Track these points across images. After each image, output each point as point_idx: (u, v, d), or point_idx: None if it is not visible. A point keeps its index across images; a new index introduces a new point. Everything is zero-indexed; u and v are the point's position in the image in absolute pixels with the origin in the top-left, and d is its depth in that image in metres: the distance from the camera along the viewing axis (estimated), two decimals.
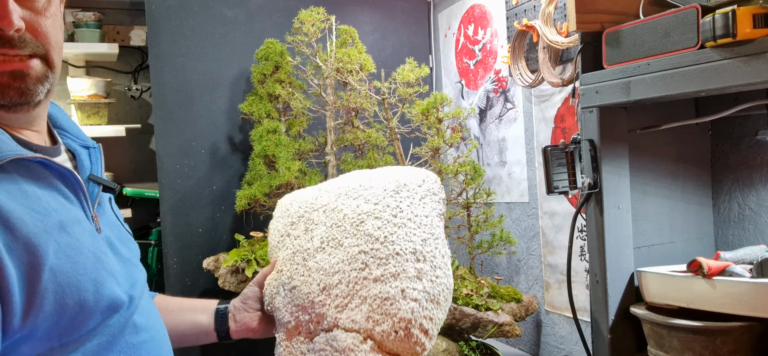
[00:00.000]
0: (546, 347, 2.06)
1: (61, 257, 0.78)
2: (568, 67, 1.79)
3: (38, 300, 0.74)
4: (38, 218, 0.77)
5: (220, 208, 2.16)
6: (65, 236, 0.80)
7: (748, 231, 1.35)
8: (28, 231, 0.75)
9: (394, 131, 2.05)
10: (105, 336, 0.84)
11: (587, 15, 1.21)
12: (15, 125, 0.85)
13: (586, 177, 1.23)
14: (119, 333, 0.86)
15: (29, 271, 0.74)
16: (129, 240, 1.02)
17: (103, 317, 0.83)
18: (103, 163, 1.00)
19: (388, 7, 2.47)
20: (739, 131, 1.36)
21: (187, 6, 2.11)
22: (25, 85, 0.81)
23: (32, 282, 0.74)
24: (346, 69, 2.03)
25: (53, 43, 0.85)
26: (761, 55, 0.89)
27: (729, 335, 1.06)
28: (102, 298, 0.82)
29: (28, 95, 0.82)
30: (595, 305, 1.27)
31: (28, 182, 0.80)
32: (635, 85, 1.10)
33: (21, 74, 0.81)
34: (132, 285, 0.91)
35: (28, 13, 0.81)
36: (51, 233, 0.77)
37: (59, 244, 0.78)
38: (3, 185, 0.76)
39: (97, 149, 1.00)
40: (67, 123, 1.00)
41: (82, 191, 0.88)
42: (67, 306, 0.77)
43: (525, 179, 2.09)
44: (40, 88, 0.83)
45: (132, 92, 2.73)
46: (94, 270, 0.82)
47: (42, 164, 0.83)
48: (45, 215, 0.78)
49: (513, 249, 2.14)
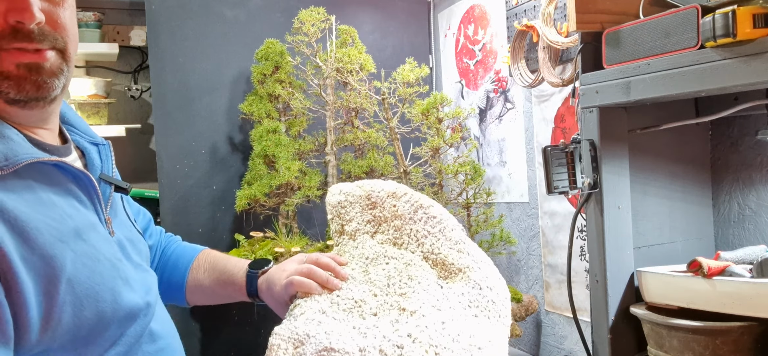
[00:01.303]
0: (546, 347, 2.06)
1: (78, 266, 0.74)
2: (568, 67, 1.79)
3: (56, 313, 0.71)
4: (54, 227, 0.73)
5: (220, 208, 2.16)
6: (81, 244, 0.76)
7: (748, 231, 1.35)
8: (45, 241, 0.71)
9: (394, 131, 2.05)
10: (123, 346, 0.80)
11: (587, 15, 1.21)
12: (29, 123, 0.81)
13: (586, 177, 1.23)
14: (136, 342, 0.83)
15: (46, 284, 0.70)
16: (139, 242, 0.98)
17: (121, 326, 0.80)
18: (114, 160, 0.96)
19: (388, 7, 2.47)
20: (739, 131, 1.36)
21: (187, 6, 2.11)
22: (41, 79, 0.78)
23: (50, 295, 0.70)
24: (346, 69, 2.03)
25: (71, 35, 0.82)
26: (761, 55, 0.89)
27: (729, 335, 1.06)
28: (120, 308, 0.79)
29: (45, 89, 0.79)
30: (595, 305, 1.27)
31: (42, 186, 0.76)
32: (635, 85, 1.10)
33: (37, 68, 0.77)
34: (147, 291, 0.88)
35: (47, 4, 0.78)
36: (67, 242, 0.74)
37: (76, 253, 0.75)
38: (19, 191, 0.72)
39: (106, 146, 0.96)
40: (75, 119, 0.96)
41: (95, 194, 0.84)
42: (85, 318, 0.74)
43: (525, 179, 2.09)
44: (56, 82, 0.80)
45: (132, 92, 2.73)
46: (111, 279, 0.79)
47: (56, 166, 0.80)
48: (61, 222, 0.75)
49: (513, 249, 2.14)
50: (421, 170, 2.05)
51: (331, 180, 2.04)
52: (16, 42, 0.76)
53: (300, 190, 1.96)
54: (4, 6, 0.74)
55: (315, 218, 2.23)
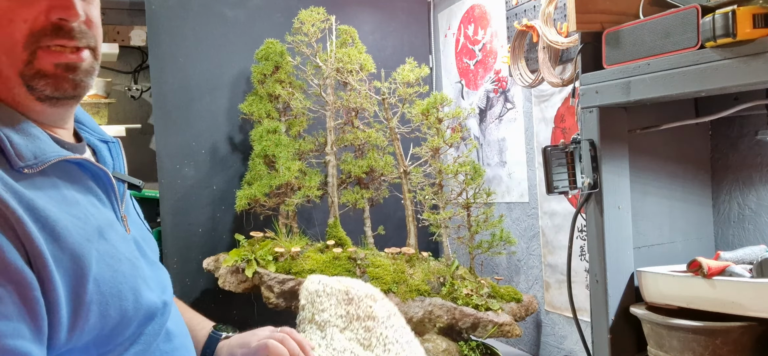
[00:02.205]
0: (546, 347, 2.06)
1: (102, 266, 0.74)
2: (568, 67, 1.79)
3: (84, 312, 0.71)
4: (80, 226, 0.73)
5: (220, 208, 2.16)
6: (104, 243, 0.76)
7: (748, 231, 1.35)
8: (74, 241, 0.71)
9: (394, 131, 2.05)
10: (141, 345, 0.80)
11: (587, 15, 1.21)
12: (53, 121, 0.81)
13: (586, 177, 1.23)
14: (154, 341, 0.83)
15: (75, 283, 0.70)
16: (151, 239, 0.97)
17: (140, 325, 0.80)
18: (125, 158, 0.96)
19: (388, 8, 2.47)
20: (739, 131, 1.36)
21: (187, 6, 2.11)
22: (79, 78, 0.78)
23: (78, 295, 0.70)
24: (346, 69, 2.03)
25: (100, 34, 0.82)
26: (761, 55, 0.89)
27: (729, 335, 1.06)
28: (141, 306, 0.79)
29: (80, 88, 0.79)
30: (595, 305, 1.27)
31: (66, 185, 0.76)
32: (635, 85, 1.10)
33: (74, 67, 0.77)
34: (163, 290, 0.88)
35: (83, 2, 0.78)
36: (92, 241, 0.74)
37: (100, 252, 0.74)
38: (46, 190, 0.72)
39: (116, 143, 0.95)
40: (85, 117, 0.95)
41: (113, 191, 0.84)
42: (109, 316, 0.74)
43: (525, 179, 2.09)
44: (90, 80, 0.80)
45: (132, 92, 2.73)
46: (133, 278, 0.79)
47: (77, 164, 0.80)
48: (85, 221, 0.75)
49: (513, 249, 2.14)
50: (421, 170, 2.05)
51: (331, 180, 2.04)
52: (58, 39, 0.75)
53: (300, 190, 1.96)
54: (46, 3, 0.74)
55: (315, 218, 2.23)
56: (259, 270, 1.81)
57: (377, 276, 1.83)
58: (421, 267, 1.93)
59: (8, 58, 0.74)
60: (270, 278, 1.80)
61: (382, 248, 2.01)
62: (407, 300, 1.80)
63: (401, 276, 1.85)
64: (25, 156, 0.72)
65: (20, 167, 0.71)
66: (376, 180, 2.10)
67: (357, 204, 2.04)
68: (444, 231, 1.99)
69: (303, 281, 1.79)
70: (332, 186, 2.04)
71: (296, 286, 1.79)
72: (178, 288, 2.09)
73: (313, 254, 1.87)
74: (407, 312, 1.80)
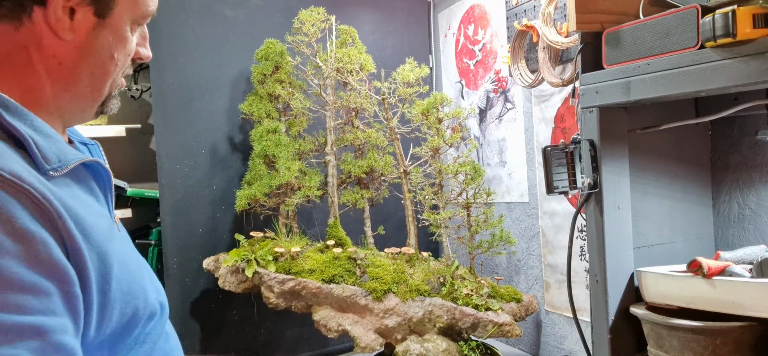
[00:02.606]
0: (546, 347, 2.06)
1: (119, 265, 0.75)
2: (568, 67, 1.79)
3: (109, 310, 0.72)
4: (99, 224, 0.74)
5: (220, 208, 2.16)
6: (115, 243, 0.77)
7: (748, 231, 1.35)
8: (99, 239, 0.72)
9: (394, 131, 2.05)
10: (148, 344, 0.82)
11: (587, 15, 1.21)
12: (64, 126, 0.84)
13: (586, 177, 1.23)
14: (157, 340, 0.84)
15: (101, 281, 0.71)
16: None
17: (145, 325, 0.81)
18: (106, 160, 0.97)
19: (388, 8, 2.47)
20: (739, 131, 1.36)
21: (187, 6, 2.11)
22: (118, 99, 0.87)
23: (104, 293, 0.71)
24: (346, 69, 2.03)
25: None
26: (761, 55, 0.89)
27: (729, 335, 1.06)
28: (148, 306, 0.80)
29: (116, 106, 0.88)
30: (595, 305, 1.27)
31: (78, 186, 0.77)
32: (635, 85, 1.10)
33: None
34: (158, 290, 0.88)
35: None
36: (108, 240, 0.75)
37: (115, 251, 0.75)
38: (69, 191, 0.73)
39: (96, 145, 0.96)
40: None
41: (110, 192, 0.85)
42: (126, 315, 0.75)
43: (525, 179, 2.09)
44: None
45: (132, 92, 2.73)
46: (140, 277, 0.80)
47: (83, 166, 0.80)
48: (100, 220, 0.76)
49: (513, 249, 2.14)
50: (421, 170, 2.05)
51: (331, 180, 2.04)
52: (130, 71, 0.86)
53: (300, 190, 1.96)
54: (140, 42, 0.85)
55: (315, 218, 2.23)
56: (259, 269, 1.81)
57: (377, 276, 1.83)
58: (421, 267, 1.93)
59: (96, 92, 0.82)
60: (270, 278, 1.80)
61: (382, 249, 2.01)
62: (407, 300, 1.80)
63: (401, 276, 1.85)
64: (50, 159, 0.73)
65: (46, 169, 0.72)
66: (376, 180, 2.10)
67: (357, 204, 2.04)
68: (444, 231, 1.99)
69: (303, 281, 1.79)
70: (332, 186, 2.04)
71: (296, 286, 1.80)
72: (179, 288, 2.10)
73: (313, 255, 1.87)
74: (407, 312, 1.80)
